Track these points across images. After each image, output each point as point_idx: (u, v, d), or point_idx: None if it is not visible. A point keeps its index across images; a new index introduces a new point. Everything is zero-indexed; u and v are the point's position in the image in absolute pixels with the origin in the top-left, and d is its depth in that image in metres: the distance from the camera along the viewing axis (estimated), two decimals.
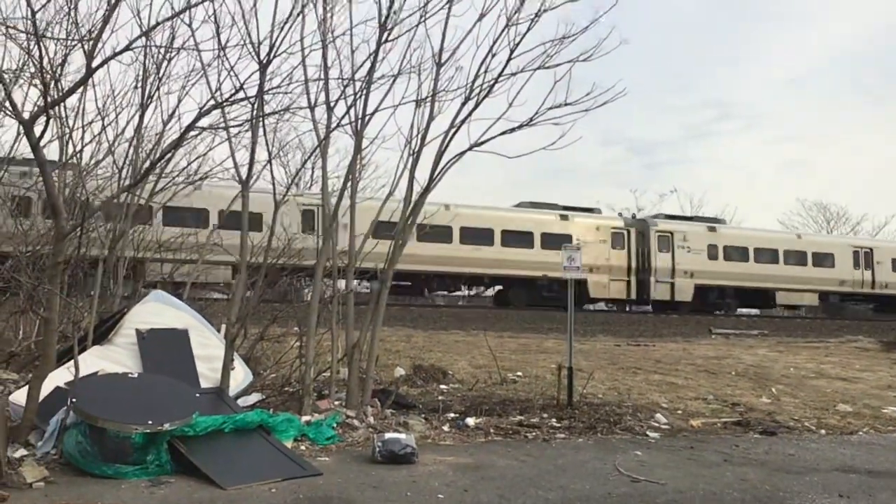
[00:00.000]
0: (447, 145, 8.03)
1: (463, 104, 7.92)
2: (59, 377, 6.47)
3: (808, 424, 8.77)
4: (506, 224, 27.25)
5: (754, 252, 30.83)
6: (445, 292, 29.86)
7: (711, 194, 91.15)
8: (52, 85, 6.43)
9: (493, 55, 7.73)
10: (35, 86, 8.21)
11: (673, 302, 29.41)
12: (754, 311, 32.04)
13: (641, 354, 15.18)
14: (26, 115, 6.39)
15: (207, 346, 7.75)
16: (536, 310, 25.03)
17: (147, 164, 9.54)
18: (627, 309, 30.03)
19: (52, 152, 9.18)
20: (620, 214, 33.19)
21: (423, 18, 7.78)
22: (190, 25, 7.39)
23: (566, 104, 7.57)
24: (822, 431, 8.50)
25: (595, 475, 6.03)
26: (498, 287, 28.98)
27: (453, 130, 7.99)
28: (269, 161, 8.42)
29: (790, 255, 31.46)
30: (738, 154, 79.74)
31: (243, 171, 8.06)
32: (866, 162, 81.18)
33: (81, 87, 7.83)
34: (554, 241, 25.77)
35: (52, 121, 7.20)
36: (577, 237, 26.91)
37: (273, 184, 8.48)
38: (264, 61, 7.35)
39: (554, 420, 8.11)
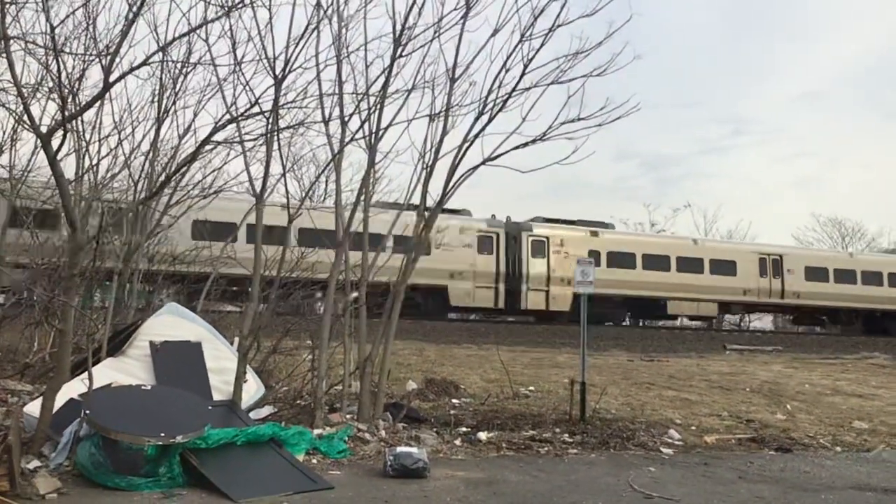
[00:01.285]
0: (460, 159, 8.05)
1: (476, 119, 7.95)
2: (72, 389, 6.49)
3: (824, 441, 8.69)
4: None
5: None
6: None
7: (726, 209, 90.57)
8: (69, 99, 6.49)
9: (507, 70, 7.77)
10: (53, 100, 8.29)
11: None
12: (768, 327, 31.69)
13: (655, 370, 15.10)
14: (44, 129, 6.46)
15: (220, 359, 7.77)
16: (549, 324, 24.94)
17: (163, 177, 9.60)
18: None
19: (68, 165, 9.27)
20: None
21: (437, 34, 7.84)
22: (206, 41, 7.48)
23: (579, 119, 7.57)
24: (838, 449, 8.42)
25: (608, 491, 5.98)
26: None
27: (467, 145, 8.01)
28: (284, 175, 8.49)
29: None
30: (751, 169, 79.39)
31: (258, 185, 8.11)
32: (881, 177, 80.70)
33: (99, 102, 7.91)
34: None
35: (69, 134, 7.28)
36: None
37: (287, 197, 8.53)
38: (279, 76, 7.41)
39: (566, 435, 8.07)
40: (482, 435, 7.79)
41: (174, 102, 9.86)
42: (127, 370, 7.29)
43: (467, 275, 25.89)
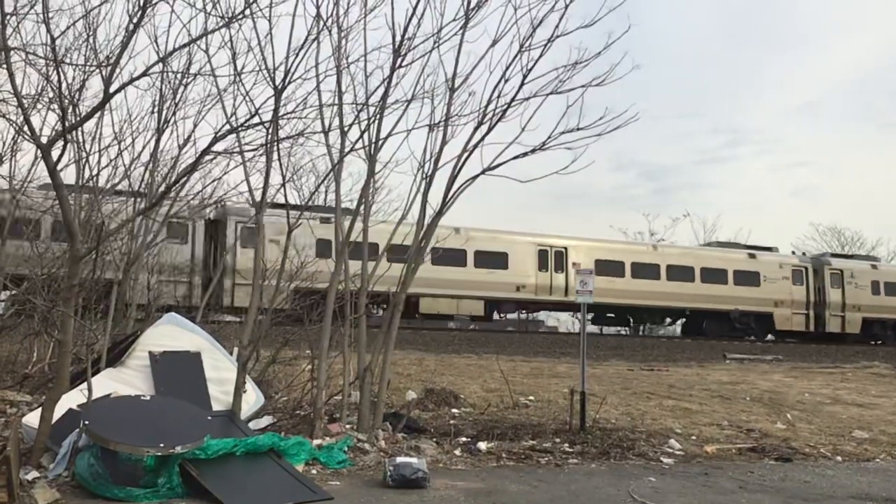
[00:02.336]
0: (460, 169, 8.06)
1: (476, 129, 7.97)
2: (72, 399, 6.49)
3: (824, 451, 8.67)
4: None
5: None
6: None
7: (725, 218, 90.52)
8: (69, 110, 6.51)
9: (506, 80, 7.78)
10: (53, 110, 8.30)
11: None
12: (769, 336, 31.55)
13: (655, 379, 15.07)
14: (44, 140, 6.47)
15: (220, 369, 7.76)
16: (548, 334, 24.93)
17: (162, 187, 9.62)
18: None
19: (68, 176, 9.28)
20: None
21: (436, 44, 7.85)
22: (206, 51, 7.50)
23: (578, 129, 7.58)
24: (839, 458, 8.40)
25: (608, 501, 5.97)
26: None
27: (466, 154, 8.02)
28: (284, 185, 8.49)
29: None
30: (750, 179, 79.48)
31: (257, 195, 8.12)
32: (878, 187, 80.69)
33: (99, 112, 7.93)
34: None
35: (69, 145, 7.29)
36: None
37: (287, 207, 8.53)
38: (279, 87, 7.43)
39: (566, 445, 8.05)
40: (482, 445, 7.78)
41: (174, 113, 9.91)
42: (126, 381, 7.28)
43: (787, 303, 30.01)
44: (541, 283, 26.37)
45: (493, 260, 25.65)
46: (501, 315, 28.24)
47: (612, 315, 29.63)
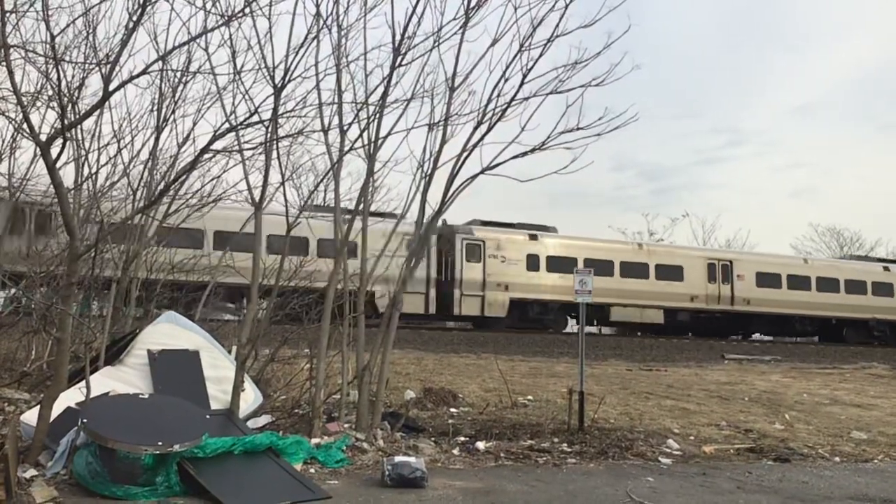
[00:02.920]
0: (459, 169, 8.06)
1: (475, 128, 7.96)
2: (70, 397, 6.49)
3: (822, 451, 8.67)
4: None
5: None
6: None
7: (724, 219, 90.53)
8: (69, 108, 6.50)
9: (506, 80, 7.77)
10: (52, 108, 8.29)
11: None
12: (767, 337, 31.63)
13: (653, 379, 15.09)
14: (43, 138, 6.46)
15: (218, 368, 7.76)
16: (548, 334, 24.98)
17: (161, 185, 9.61)
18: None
19: (67, 174, 9.27)
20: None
21: (436, 43, 7.84)
22: (206, 50, 7.49)
23: (578, 128, 7.58)
24: (837, 459, 8.40)
25: (606, 501, 5.97)
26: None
27: (465, 154, 8.02)
28: (283, 183, 8.48)
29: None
30: (749, 180, 79.50)
31: (256, 194, 8.12)
32: (877, 188, 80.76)
33: (98, 110, 7.92)
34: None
35: (68, 143, 7.28)
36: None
37: (286, 206, 8.53)
38: (279, 85, 7.42)
39: (565, 445, 8.06)
40: (480, 444, 7.78)
41: (173, 111, 9.86)
42: (124, 379, 7.29)
43: None
44: (710, 294, 28.96)
45: (671, 272, 28.39)
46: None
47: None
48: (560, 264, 26.39)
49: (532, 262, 26.79)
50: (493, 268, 26.25)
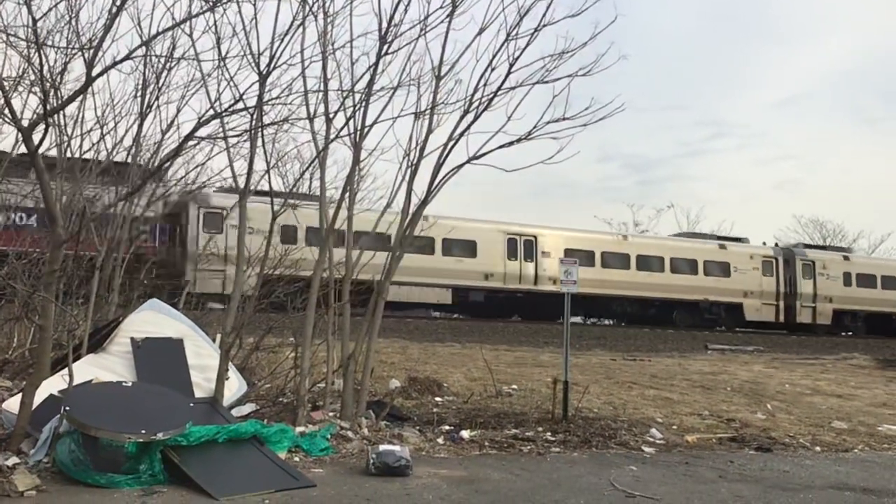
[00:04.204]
0: (445, 158, 8.04)
1: (462, 117, 7.94)
2: (52, 385, 6.44)
3: (804, 441, 8.76)
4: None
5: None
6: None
7: (709, 210, 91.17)
8: (51, 93, 6.43)
9: (493, 69, 7.75)
10: (35, 93, 8.20)
11: None
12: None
13: (637, 369, 15.18)
14: (25, 123, 6.39)
15: (202, 356, 7.72)
16: (532, 323, 24.98)
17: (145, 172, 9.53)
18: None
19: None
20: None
21: (423, 32, 7.80)
22: (190, 36, 7.43)
23: (564, 118, 7.58)
24: (818, 448, 8.49)
25: (590, 490, 6.01)
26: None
27: (452, 143, 8.00)
28: (268, 171, 8.42)
29: None
30: (733, 172, 79.94)
31: (241, 181, 8.07)
32: (860, 180, 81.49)
33: (81, 96, 7.84)
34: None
35: (50, 128, 7.21)
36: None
37: (271, 194, 8.49)
38: (264, 72, 7.36)
39: (549, 434, 8.09)
40: (465, 433, 7.80)
41: (157, 97, 9.77)
42: (108, 367, 7.23)
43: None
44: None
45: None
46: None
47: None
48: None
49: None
50: (821, 284, 31.73)
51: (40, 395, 6.19)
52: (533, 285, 26.86)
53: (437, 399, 10.08)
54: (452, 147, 8.00)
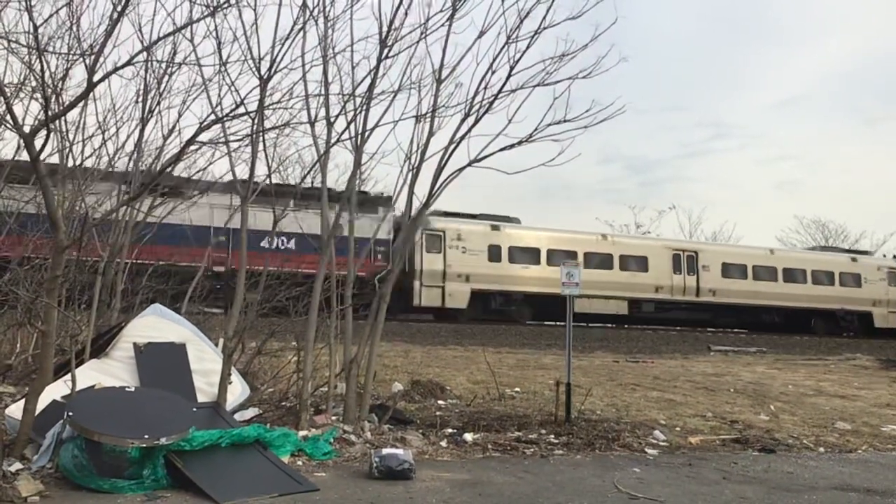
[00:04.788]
0: (447, 161, 8.05)
1: (462, 120, 7.95)
2: (55, 391, 6.45)
3: (807, 442, 8.75)
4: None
5: None
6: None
7: (710, 211, 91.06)
8: (53, 99, 6.44)
9: (493, 72, 7.78)
10: (36, 99, 8.25)
11: None
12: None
13: (640, 371, 15.16)
14: (27, 129, 6.40)
15: (205, 360, 7.73)
16: (534, 326, 25.05)
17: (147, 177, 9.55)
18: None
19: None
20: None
21: (423, 35, 7.83)
22: (191, 41, 7.46)
23: (565, 120, 7.59)
24: (821, 449, 8.47)
25: (593, 492, 6.00)
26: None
27: (453, 146, 8.01)
28: (269, 175, 8.45)
29: None
30: (734, 173, 79.87)
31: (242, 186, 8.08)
32: (861, 181, 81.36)
33: (82, 102, 7.85)
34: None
35: (52, 134, 7.22)
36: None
37: (273, 198, 8.51)
38: (265, 76, 7.38)
39: (552, 436, 8.08)
40: (468, 436, 7.79)
41: (159, 102, 9.82)
42: (110, 372, 7.25)
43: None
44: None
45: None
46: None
47: None
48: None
49: None
50: None
51: (43, 401, 6.20)
52: (695, 296, 29.39)
53: (440, 402, 10.07)
54: (454, 150, 8.02)
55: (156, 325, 7.97)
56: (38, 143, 6.19)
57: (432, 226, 25.51)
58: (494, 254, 26.34)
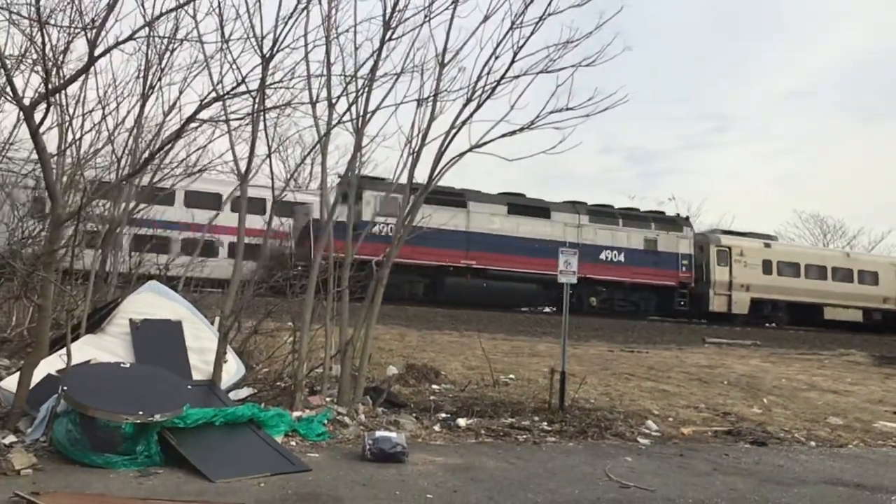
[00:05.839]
0: (447, 146, 8.03)
1: (464, 105, 7.93)
2: (50, 365, 6.45)
3: (799, 436, 8.78)
4: None
5: None
6: None
7: (710, 203, 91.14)
8: (53, 72, 6.40)
9: (497, 57, 7.74)
10: (37, 72, 8.18)
11: None
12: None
13: (634, 361, 15.20)
14: (27, 102, 6.36)
15: (201, 339, 7.73)
16: (529, 313, 25.17)
17: (146, 154, 9.51)
18: None
19: (51, 139, 9.15)
20: None
21: (427, 18, 7.79)
22: (194, 17, 7.40)
23: (567, 109, 7.58)
24: (812, 443, 8.51)
25: (584, 480, 6.03)
26: None
27: (454, 131, 7.98)
28: (269, 155, 8.42)
29: None
30: (734, 165, 79.90)
31: (242, 165, 8.06)
32: (861, 177, 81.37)
33: (83, 76, 7.81)
34: None
35: (52, 108, 7.17)
36: None
37: (272, 178, 8.48)
38: (267, 55, 7.34)
39: (545, 423, 8.11)
40: (461, 421, 7.82)
41: (160, 79, 9.73)
42: (106, 347, 7.24)
43: None
44: None
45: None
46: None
47: None
48: None
49: None
50: None
51: (38, 375, 6.20)
52: None
53: (435, 387, 10.10)
54: (455, 135, 7.99)
55: (153, 301, 7.97)
56: (37, 116, 6.16)
57: (721, 243, 30.63)
58: (767, 267, 30.99)
